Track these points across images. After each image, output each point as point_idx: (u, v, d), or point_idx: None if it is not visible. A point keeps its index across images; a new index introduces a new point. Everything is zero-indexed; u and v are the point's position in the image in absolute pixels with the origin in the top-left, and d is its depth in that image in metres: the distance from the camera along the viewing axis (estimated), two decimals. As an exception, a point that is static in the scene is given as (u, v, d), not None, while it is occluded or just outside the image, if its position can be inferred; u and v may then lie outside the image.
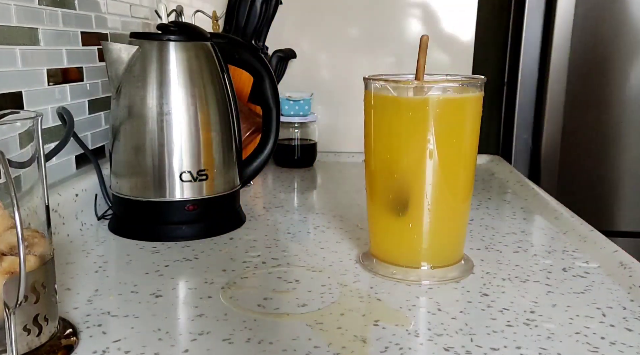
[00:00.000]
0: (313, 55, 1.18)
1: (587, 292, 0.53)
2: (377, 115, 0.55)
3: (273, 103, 0.75)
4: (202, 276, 0.56)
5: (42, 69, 0.68)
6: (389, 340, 0.43)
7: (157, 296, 0.51)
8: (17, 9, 0.62)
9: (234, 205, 0.73)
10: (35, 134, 0.40)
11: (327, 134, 1.19)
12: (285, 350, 0.42)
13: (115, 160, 0.69)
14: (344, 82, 1.19)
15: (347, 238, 0.68)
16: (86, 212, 0.71)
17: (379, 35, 1.16)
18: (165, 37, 0.66)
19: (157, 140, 0.66)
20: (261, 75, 0.74)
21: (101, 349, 0.42)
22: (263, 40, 1.01)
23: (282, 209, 0.81)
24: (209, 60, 0.68)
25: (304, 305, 0.49)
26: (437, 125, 0.52)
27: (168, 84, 0.65)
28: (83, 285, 0.54)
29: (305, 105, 1.08)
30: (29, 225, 0.41)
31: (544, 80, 1.20)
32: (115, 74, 0.66)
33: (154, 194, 0.67)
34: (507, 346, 0.43)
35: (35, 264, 0.39)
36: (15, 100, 0.62)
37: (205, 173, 0.68)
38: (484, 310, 0.49)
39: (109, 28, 0.84)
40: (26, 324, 0.39)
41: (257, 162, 0.77)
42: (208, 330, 0.45)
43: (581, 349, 0.43)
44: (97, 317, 0.47)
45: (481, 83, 0.55)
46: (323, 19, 1.17)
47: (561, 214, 0.76)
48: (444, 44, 1.16)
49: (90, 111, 0.80)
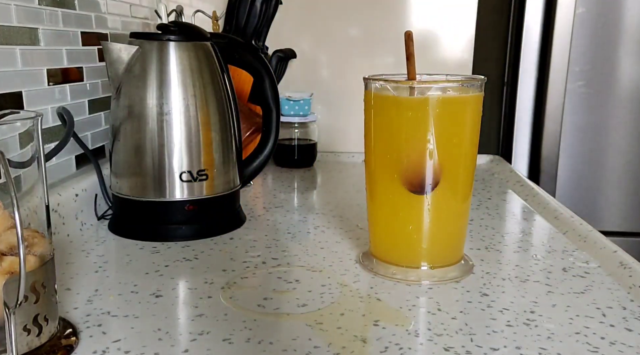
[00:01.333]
0: (313, 55, 1.18)
1: (587, 292, 0.53)
2: (377, 115, 0.55)
3: (273, 103, 0.75)
4: (202, 276, 0.56)
5: (42, 69, 0.68)
6: (389, 340, 0.43)
7: (157, 296, 0.51)
8: (17, 9, 0.62)
9: (234, 205, 0.73)
10: (35, 134, 0.40)
11: (327, 134, 1.19)
12: (285, 350, 0.42)
13: (115, 160, 0.69)
14: (344, 82, 1.19)
15: (347, 238, 0.68)
16: (86, 212, 0.71)
17: (379, 35, 1.16)
18: (165, 37, 0.66)
19: (157, 140, 0.66)
20: (261, 75, 0.74)
21: (101, 349, 0.42)
22: (263, 40, 1.00)
23: (282, 209, 0.81)
24: (209, 60, 0.68)
25: (304, 305, 0.49)
26: (437, 125, 0.52)
27: (168, 84, 0.65)
28: (83, 285, 0.54)
29: (305, 105, 1.08)
30: (29, 225, 0.41)
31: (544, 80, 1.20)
32: (115, 74, 0.66)
33: (153, 194, 0.67)
34: (507, 346, 0.43)
35: (35, 264, 0.39)
36: (15, 100, 0.62)
37: (205, 173, 0.68)
38: (484, 310, 0.49)
39: (109, 28, 0.84)
40: (26, 324, 0.39)
41: (257, 162, 0.77)
42: (208, 330, 0.45)
43: (581, 349, 0.43)
44: (97, 317, 0.47)
45: (481, 83, 0.55)
46: (323, 19, 1.17)
47: (561, 214, 0.76)
48: (444, 43, 1.16)
49: (90, 111, 0.80)
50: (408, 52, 0.54)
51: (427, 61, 1.14)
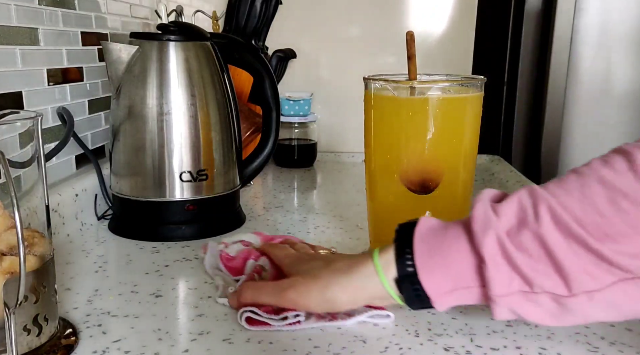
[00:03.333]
0: (313, 55, 1.18)
1: (587, 292, 0.53)
2: (377, 115, 0.55)
3: (273, 103, 0.75)
4: (202, 276, 0.56)
5: (42, 69, 0.68)
6: (389, 340, 0.43)
7: (157, 296, 0.51)
8: (17, 9, 0.62)
9: (234, 205, 0.73)
10: (35, 134, 0.40)
11: (327, 134, 1.19)
12: (285, 350, 0.42)
13: (115, 160, 0.69)
14: (344, 82, 1.19)
15: (347, 238, 0.68)
16: (86, 212, 0.71)
17: (379, 35, 1.16)
18: (165, 37, 0.66)
19: (157, 140, 0.66)
20: (261, 75, 0.74)
21: (101, 349, 0.42)
22: (263, 40, 1.01)
23: (282, 209, 0.81)
24: (209, 60, 0.68)
25: (304, 305, 0.49)
26: (437, 125, 0.52)
27: (168, 84, 0.65)
28: (83, 285, 0.54)
29: (305, 105, 1.08)
30: (29, 225, 0.41)
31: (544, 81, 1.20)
32: (115, 74, 0.66)
33: (153, 194, 0.67)
34: (507, 346, 0.43)
35: (35, 264, 0.39)
36: (15, 100, 0.62)
37: (205, 173, 0.68)
38: (484, 310, 0.48)
39: (109, 28, 0.84)
40: (26, 324, 0.39)
41: (257, 162, 0.77)
42: (208, 330, 0.45)
43: (581, 349, 0.43)
44: (97, 317, 0.47)
45: (481, 83, 0.55)
46: (323, 19, 1.17)
47: (561, 214, 0.75)
48: (444, 44, 1.16)
49: (90, 111, 0.80)
50: (410, 53, 0.54)
51: (427, 61, 1.14)
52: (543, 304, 0.37)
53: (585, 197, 0.36)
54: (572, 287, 0.36)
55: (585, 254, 0.35)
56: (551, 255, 0.36)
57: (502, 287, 0.38)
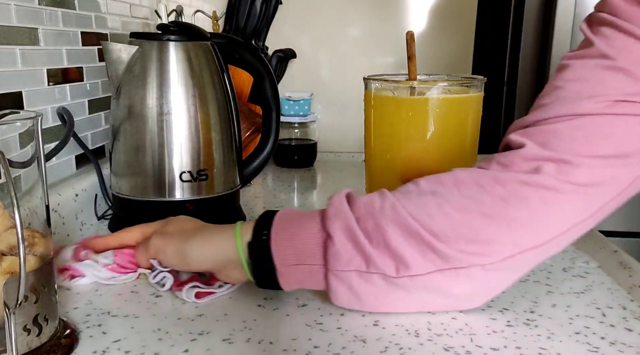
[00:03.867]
0: (313, 55, 1.18)
1: (587, 292, 0.53)
2: (377, 115, 0.55)
3: (273, 103, 0.75)
4: (202, 276, 0.56)
5: (42, 69, 0.68)
6: (389, 340, 0.43)
7: (157, 296, 0.51)
8: (17, 9, 0.62)
9: (234, 205, 0.73)
10: (35, 134, 0.40)
11: (327, 134, 1.19)
12: (285, 350, 0.42)
13: (115, 160, 0.69)
14: (344, 82, 1.19)
15: (347, 238, 0.68)
16: (86, 212, 0.71)
17: (379, 35, 1.16)
18: (165, 37, 0.66)
19: (157, 140, 0.66)
20: (261, 75, 0.74)
21: (101, 349, 0.42)
22: (263, 40, 1.01)
23: (282, 209, 0.81)
24: (209, 60, 0.68)
25: (304, 305, 0.49)
26: (437, 125, 0.52)
27: (168, 84, 0.65)
28: (83, 285, 0.54)
29: (305, 105, 1.08)
30: (29, 225, 0.41)
31: (544, 81, 1.20)
32: (115, 74, 0.66)
33: (153, 194, 0.67)
34: (507, 346, 0.43)
35: (35, 264, 0.39)
36: (15, 100, 0.62)
37: (205, 173, 0.68)
38: (484, 310, 0.49)
39: (109, 28, 0.84)
40: (26, 324, 0.39)
41: (257, 162, 0.77)
42: (208, 330, 0.45)
43: (581, 349, 0.43)
44: (97, 317, 0.47)
45: (481, 83, 0.55)
46: (323, 19, 1.17)
47: (561, 214, 0.75)
48: (444, 44, 1.16)
49: (90, 111, 0.80)
50: (409, 53, 0.54)
51: (427, 61, 1.14)
52: (375, 282, 0.44)
53: (420, 201, 0.44)
54: (399, 269, 0.44)
55: (416, 244, 0.43)
56: (387, 242, 0.43)
57: (344, 263, 0.44)
